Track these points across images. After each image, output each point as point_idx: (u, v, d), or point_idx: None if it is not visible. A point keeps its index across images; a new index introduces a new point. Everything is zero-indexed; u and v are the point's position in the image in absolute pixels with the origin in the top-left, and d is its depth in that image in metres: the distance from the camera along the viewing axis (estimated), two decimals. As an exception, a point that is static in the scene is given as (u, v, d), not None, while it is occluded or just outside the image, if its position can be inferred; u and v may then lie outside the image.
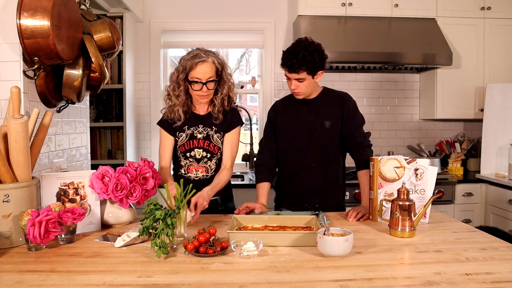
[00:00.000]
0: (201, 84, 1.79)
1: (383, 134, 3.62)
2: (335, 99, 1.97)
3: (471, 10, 3.25)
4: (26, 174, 1.42)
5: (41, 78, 1.67)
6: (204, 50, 1.83)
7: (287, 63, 1.82)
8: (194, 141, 1.90)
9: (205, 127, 1.91)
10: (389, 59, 3.04)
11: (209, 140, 1.90)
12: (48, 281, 1.07)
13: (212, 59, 1.80)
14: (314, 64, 1.80)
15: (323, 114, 1.94)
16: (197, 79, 1.78)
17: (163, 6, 3.45)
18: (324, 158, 1.95)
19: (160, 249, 1.22)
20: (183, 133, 1.91)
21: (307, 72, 1.81)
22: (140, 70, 3.46)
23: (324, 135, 1.94)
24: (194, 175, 1.91)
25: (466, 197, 3.03)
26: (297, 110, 1.98)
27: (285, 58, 1.85)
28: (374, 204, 1.69)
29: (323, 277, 1.09)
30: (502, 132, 3.06)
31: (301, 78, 1.83)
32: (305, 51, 1.79)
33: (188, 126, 1.90)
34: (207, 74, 1.79)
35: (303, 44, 1.83)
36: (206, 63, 1.78)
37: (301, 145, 1.95)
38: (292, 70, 1.82)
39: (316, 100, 1.97)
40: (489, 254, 1.26)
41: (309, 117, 1.95)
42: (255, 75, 3.67)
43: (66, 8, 1.59)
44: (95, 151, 3.29)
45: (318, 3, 3.15)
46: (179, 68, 1.82)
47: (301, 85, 1.85)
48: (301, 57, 1.78)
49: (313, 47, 1.82)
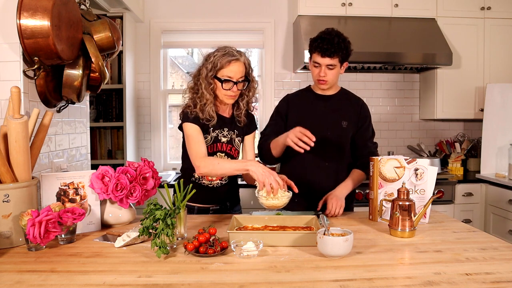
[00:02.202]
0: (232, 83, 1.70)
1: (383, 134, 3.62)
2: (353, 103, 1.97)
3: (471, 10, 3.25)
4: (26, 174, 1.42)
5: (41, 78, 1.67)
6: (235, 48, 1.75)
7: (322, 47, 1.80)
8: (218, 144, 1.80)
9: (229, 131, 1.83)
10: (389, 59, 3.04)
11: (231, 144, 1.84)
12: (48, 281, 1.07)
13: (244, 59, 1.74)
14: (347, 51, 1.83)
15: (341, 113, 1.92)
16: (228, 77, 1.70)
17: (163, 6, 3.45)
18: (337, 158, 1.91)
19: (160, 249, 1.21)
20: (208, 135, 1.78)
21: (339, 58, 1.82)
22: (140, 70, 3.47)
23: (340, 135, 1.91)
24: (208, 182, 1.82)
25: (466, 197, 3.03)
26: (313, 105, 1.93)
27: (318, 43, 1.82)
28: (374, 204, 1.69)
29: (323, 277, 1.09)
30: (502, 132, 3.06)
31: (332, 65, 1.82)
32: (338, 38, 1.81)
33: (213, 129, 1.78)
34: (239, 73, 1.71)
35: (335, 32, 1.84)
36: (239, 62, 1.71)
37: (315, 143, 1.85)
38: (326, 54, 1.80)
39: (334, 97, 1.95)
40: (489, 254, 1.26)
41: (326, 114, 1.91)
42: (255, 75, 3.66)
43: (66, 8, 1.59)
44: (95, 151, 3.29)
45: (318, 3, 3.15)
46: (208, 66, 1.70)
47: (330, 72, 1.84)
48: (336, 42, 1.79)
49: (344, 36, 1.85)
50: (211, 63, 1.70)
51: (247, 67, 1.77)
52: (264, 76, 3.55)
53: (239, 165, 1.59)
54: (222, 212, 1.89)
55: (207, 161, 1.64)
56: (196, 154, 1.67)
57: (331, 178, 1.90)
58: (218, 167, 1.61)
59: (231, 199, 1.93)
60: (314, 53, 1.85)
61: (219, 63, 1.69)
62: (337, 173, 1.92)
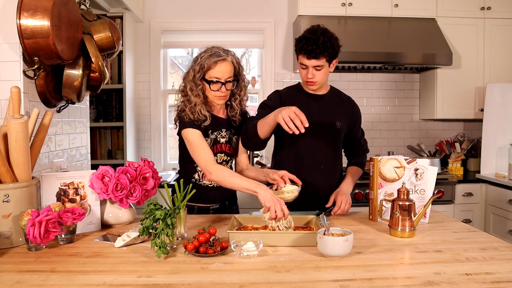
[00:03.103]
0: (220, 84, 1.69)
1: (383, 134, 3.62)
2: (345, 102, 1.96)
3: (471, 10, 3.25)
4: (26, 174, 1.42)
5: (41, 78, 1.67)
6: (222, 48, 1.73)
7: (307, 48, 1.73)
8: (218, 145, 1.81)
9: (227, 131, 1.83)
10: (389, 59, 3.04)
11: (230, 143, 1.84)
12: (48, 281, 1.07)
13: (231, 58, 1.72)
14: (334, 50, 1.76)
15: (334, 114, 1.90)
16: (216, 78, 1.69)
17: (163, 6, 3.45)
18: (332, 159, 1.90)
19: (160, 249, 1.22)
20: (207, 138, 1.77)
21: (326, 59, 1.76)
22: (140, 70, 3.47)
23: (334, 135, 1.90)
24: (209, 183, 1.82)
25: (466, 197, 3.03)
26: (306, 105, 1.84)
27: (303, 44, 1.75)
28: (374, 204, 1.69)
29: (323, 277, 1.09)
30: (502, 132, 3.06)
31: (319, 65, 1.76)
32: (324, 37, 1.73)
33: (212, 131, 1.78)
34: (227, 73, 1.69)
35: (320, 30, 1.76)
36: (226, 62, 1.69)
37: (309, 144, 1.84)
38: (312, 56, 1.73)
39: (326, 97, 1.92)
40: (489, 254, 1.26)
41: (320, 115, 1.86)
42: (255, 75, 3.67)
43: (66, 8, 1.59)
44: (95, 151, 3.29)
45: (318, 3, 3.15)
46: (196, 67, 1.70)
47: (318, 73, 1.79)
48: (321, 42, 1.71)
49: (330, 33, 1.77)
50: (198, 64, 1.69)
51: (236, 66, 1.74)
52: (264, 76, 3.55)
53: (250, 185, 1.54)
54: (222, 210, 1.89)
55: (219, 170, 1.63)
56: (206, 161, 1.66)
57: (326, 180, 1.89)
58: (229, 180, 1.60)
59: (230, 198, 1.95)
60: (299, 55, 1.79)
61: (206, 65, 1.68)
62: (332, 174, 1.91)
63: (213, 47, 1.72)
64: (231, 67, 1.71)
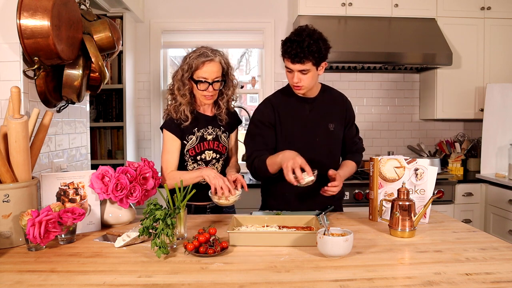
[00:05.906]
0: (207, 84, 1.73)
1: (383, 134, 3.62)
2: (337, 100, 1.92)
3: (471, 10, 3.25)
4: (26, 174, 1.42)
5: (41, 78, 1.67)
6: (210, 48, 1.75)
7: (291, 52, 1.66)
8: (205, 143, 1.84)
9: (214, 128, 1.86)
10: (389, 59, 3.04)
11: (218, 140, 1.87)
12: (48, 281, 1.07)
13: (219, 59, 1.74)
14: (320, 53, 1.66)
15: (326, 116, 1.86)
16: (203, 78, 1.72)
17: (163, 6, 3.45)
18: (327, 163, 1.83)
19: (160, 249, 1.22)
20: (193, 135, 1.82)
21: (313, 62, 1.67)
22: (140, 70, 3.47)
23: (329, 139, 1.86)
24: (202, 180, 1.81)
25: (466, 197, 3.03)
26: (298, 108, 1.83)
27: (287, 47, 1.68)
28: (374, 204, 1.69)
29: (323, 277, 1.09)
30: (502, 132, 3.06)
31: (305, 70, 1.68)
32: (309, 39, 1.64)
33: (197, 128, 1.83)
34: (214, 74, 1.73)
35: (306, 32, 1.67)
36: (213, 63, 1.72)
37: (304, 149, 1.73)
38: (296, 60, 1.66)
39: (317, 99, 1.87)
40: (489, 254, 1.26)
41: (312, 118, 1.83)
42: (255, 75, 3.68)
43: (66, 8, 1.59)
44: (95, 151, 3.29)
45: (318, 3, 3.15)
46: (184, 67, 1.74)
47: (305, 77, 1.71)
48: (306, 45, 1.63)
49: (317, 35, 1.68)
50: (186, 64, 1.74)
51: (224, 67, 1.78)
52: (264, 76, 3.55)
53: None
54: (218, 209, 1.88)
55: (170, 177, 1.77)
56: (166, 167, 1.81)
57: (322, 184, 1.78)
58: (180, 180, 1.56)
59: None
60: (284, 58, 1.73)
61: (194, 64, 1.72)
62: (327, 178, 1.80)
63: (202, 47, 1.77)
64: (219, 67, 1.75)
